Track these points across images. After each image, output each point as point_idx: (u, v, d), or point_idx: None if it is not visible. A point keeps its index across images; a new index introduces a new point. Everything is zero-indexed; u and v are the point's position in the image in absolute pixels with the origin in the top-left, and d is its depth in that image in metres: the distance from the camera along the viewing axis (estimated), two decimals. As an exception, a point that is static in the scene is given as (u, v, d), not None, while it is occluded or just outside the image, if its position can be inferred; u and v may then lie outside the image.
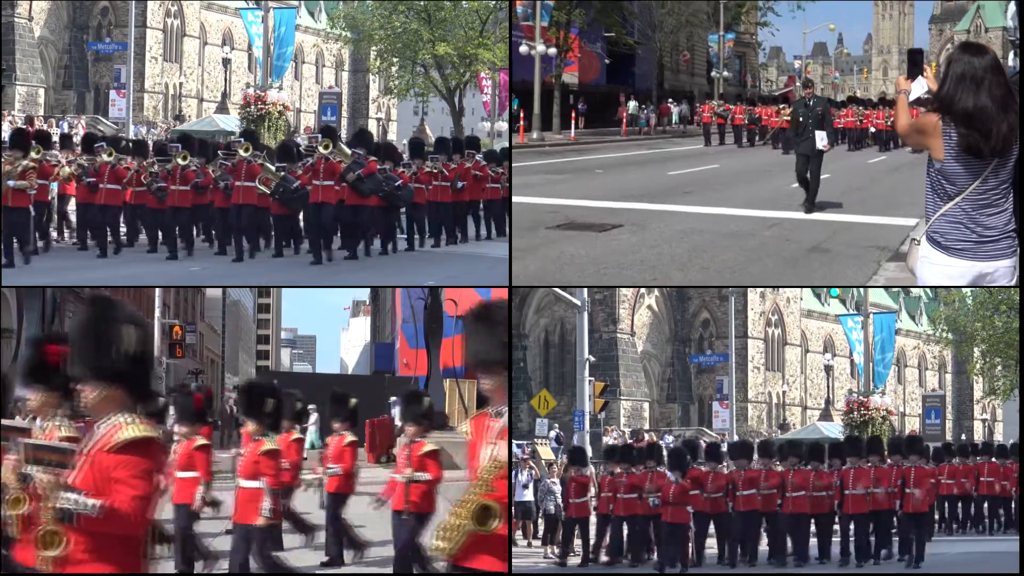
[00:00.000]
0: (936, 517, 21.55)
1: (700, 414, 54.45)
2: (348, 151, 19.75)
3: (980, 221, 5.65)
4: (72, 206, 23.06)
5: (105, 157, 20.64)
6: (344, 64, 71.26)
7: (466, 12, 48.14)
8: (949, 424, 61.66)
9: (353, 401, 14.29)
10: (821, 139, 19.83)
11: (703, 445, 20.13)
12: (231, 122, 47.43)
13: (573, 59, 52.21)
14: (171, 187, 20.32)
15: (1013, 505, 23.10)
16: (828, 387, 60.90)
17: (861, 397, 28.13)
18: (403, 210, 21.92)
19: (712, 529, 17.47)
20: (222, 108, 58.63)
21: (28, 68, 55.63)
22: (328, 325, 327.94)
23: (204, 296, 68.86)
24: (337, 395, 14.36)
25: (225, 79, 62.95)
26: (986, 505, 23.39)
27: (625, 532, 17.28)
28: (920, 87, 6.02)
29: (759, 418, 55.90)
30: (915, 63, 6.20)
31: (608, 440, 30.64)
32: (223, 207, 20.36)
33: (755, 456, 18.14)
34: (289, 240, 21.07)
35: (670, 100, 56.54)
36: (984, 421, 67.35)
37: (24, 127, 26.57)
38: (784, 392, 58.74)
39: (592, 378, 26.23)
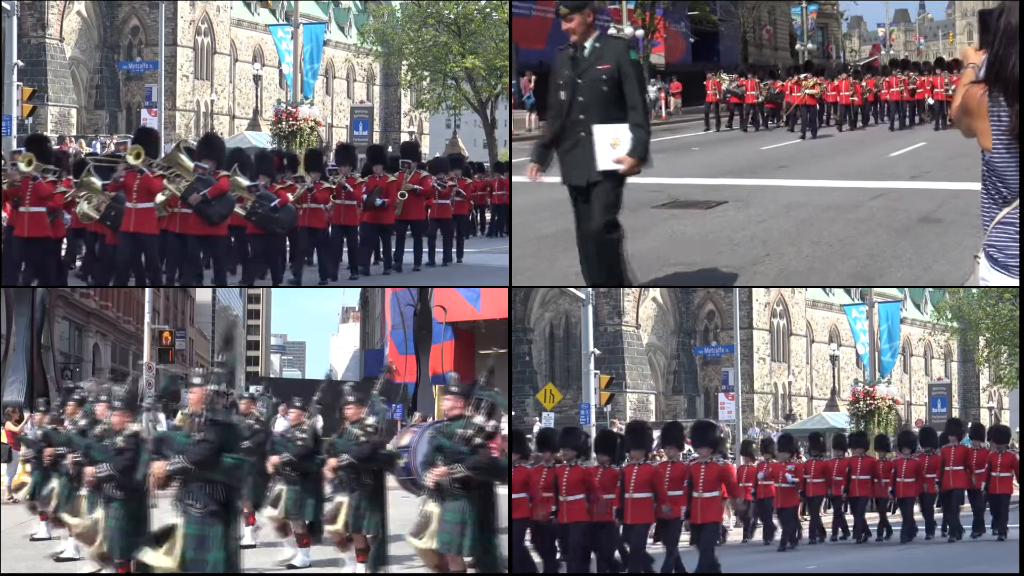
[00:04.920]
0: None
1: (706, 406, 54.49)
2: (190, 164, 15.42)
3: None
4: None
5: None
6: (375, 78, 70.92)
7: (496, 24, 48.03)
8: (956, 413, 61.69)
9: None
10: (606, 143, 8.96)
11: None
12: (263, 139, 47.60)
13: (659, 39, 52.14)
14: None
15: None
16: (834, 377, 60.97)
17: (867, 387, 28.11)
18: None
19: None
20: (254, 125, 59.22)
21: (60, 89, 55.93)
22: (318, 331, 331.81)
23: (194, 301, 69.04)
24: None
25: (256, 96, 63.39)
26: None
27: None
28: None
29: (765, 409, 55.98)
30: (988, 28, 4.38)
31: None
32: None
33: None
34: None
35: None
36: (991, 409, 67.34)
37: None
38: (790, 383, 58.80)
39: (598, 371, 26.20)
